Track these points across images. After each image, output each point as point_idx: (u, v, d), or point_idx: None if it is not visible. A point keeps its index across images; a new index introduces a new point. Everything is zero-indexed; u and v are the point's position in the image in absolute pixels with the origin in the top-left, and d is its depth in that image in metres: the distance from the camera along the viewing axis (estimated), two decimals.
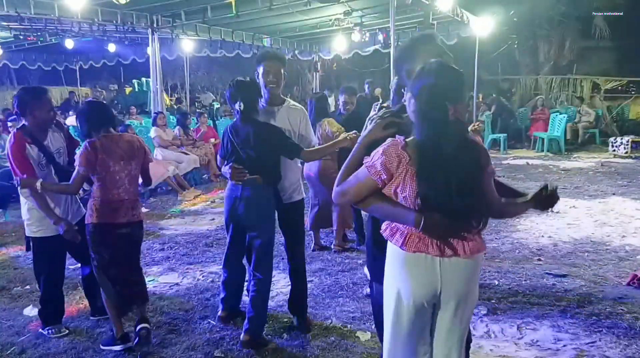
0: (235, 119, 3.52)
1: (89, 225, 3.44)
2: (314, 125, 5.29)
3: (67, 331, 3.77)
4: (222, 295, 3.86)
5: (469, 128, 4.38)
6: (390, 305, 2.16)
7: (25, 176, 3.46)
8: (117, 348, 3.50)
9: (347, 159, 2.20)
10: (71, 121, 9.71)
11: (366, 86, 10.80)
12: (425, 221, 1.97)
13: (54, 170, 3.65)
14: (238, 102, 3.37)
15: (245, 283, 3.92)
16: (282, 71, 3.59)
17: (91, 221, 3.42)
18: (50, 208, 3.54)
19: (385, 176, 2.01)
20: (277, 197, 3.57)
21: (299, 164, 3.85)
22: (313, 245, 5.63)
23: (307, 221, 5.62)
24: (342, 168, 2.18)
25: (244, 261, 3.79)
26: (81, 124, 3.49)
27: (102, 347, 3.55)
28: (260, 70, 3.55)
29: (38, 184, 3.42)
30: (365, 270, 4.57)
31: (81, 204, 3.86)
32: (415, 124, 2.05)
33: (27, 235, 3.73)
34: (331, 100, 10.66)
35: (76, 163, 3.47)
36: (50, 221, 3.52)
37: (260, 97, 3.50)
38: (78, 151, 3.53)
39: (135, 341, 3.43)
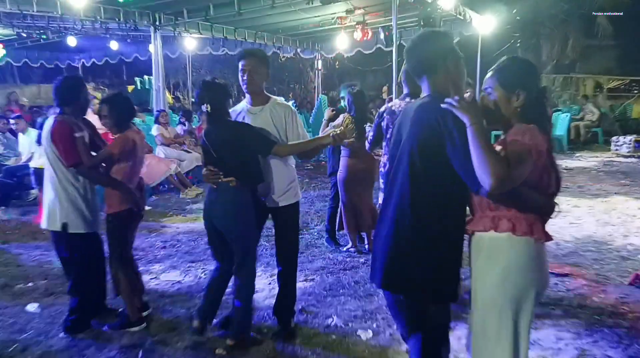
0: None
1: (120, 212, 3.63)
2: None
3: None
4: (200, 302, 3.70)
5: None
6: (511, 305, 2.09)
7: (82, 161, 3.52)
8: (136, 328, 3.71)
9: (483, 145, 1.97)
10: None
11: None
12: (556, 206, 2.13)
13: None
14: (205, 105, 3.27)
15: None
16: (259, 68, 3.43)
17: (123, 208, 3.64)
18: (123, 183, 3.63)
19: (538, 161, 2.05)
20: (259, 200, 3.44)
21: (291, 165, 3.56)
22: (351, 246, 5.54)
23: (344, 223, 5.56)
24: (487, 153, 1.94)
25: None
26: (117, 114, 3.69)
27: (111, 331, 3.70)
28: (239, 69, 3.44)
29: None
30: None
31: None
32: (533, 114, 2.14)
33: (71, 231, 3.60)
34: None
35: (114, 148, 3.62)
36: (125, 196, 3.63)
37: (228, 98, 3.48)
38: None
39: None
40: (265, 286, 4.53)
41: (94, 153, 3.67)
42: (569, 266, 4.92)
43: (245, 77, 3.40)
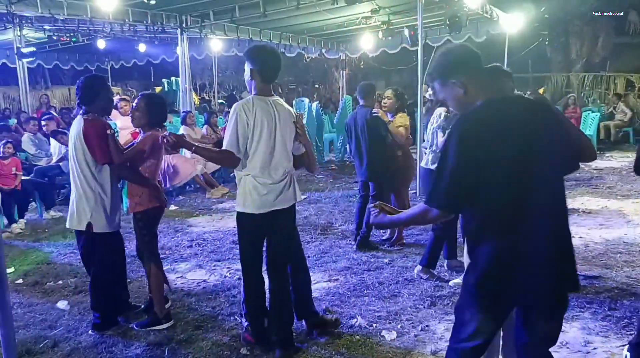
0: None
1: (148, 210, 3.67)
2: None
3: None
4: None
5: None
6: None
7: (114, 158, 3.58)
8: (165, 326, 3.75)
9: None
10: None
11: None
12: None
13: None
14: None
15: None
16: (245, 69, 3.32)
17: (152, 205, 3.68)
18: (151, 180, 3.71)
19: None
20: None
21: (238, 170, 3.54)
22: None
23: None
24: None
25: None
26: (154, 112, 3.73)
27: (139, 328, 3.74)
28: None
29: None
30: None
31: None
32: None
33: (96, 231, 3.64)
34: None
35: (144, 145, 3.66)
36: (150, 191, 3.68)
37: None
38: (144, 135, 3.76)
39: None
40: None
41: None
42: (598, 268, 4.82)
43: None
